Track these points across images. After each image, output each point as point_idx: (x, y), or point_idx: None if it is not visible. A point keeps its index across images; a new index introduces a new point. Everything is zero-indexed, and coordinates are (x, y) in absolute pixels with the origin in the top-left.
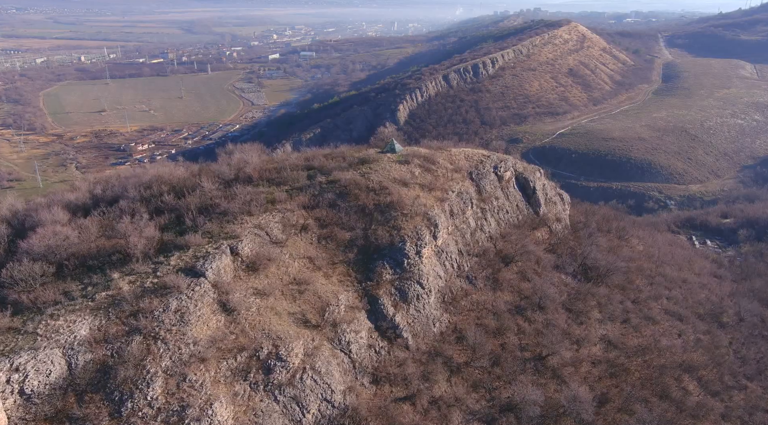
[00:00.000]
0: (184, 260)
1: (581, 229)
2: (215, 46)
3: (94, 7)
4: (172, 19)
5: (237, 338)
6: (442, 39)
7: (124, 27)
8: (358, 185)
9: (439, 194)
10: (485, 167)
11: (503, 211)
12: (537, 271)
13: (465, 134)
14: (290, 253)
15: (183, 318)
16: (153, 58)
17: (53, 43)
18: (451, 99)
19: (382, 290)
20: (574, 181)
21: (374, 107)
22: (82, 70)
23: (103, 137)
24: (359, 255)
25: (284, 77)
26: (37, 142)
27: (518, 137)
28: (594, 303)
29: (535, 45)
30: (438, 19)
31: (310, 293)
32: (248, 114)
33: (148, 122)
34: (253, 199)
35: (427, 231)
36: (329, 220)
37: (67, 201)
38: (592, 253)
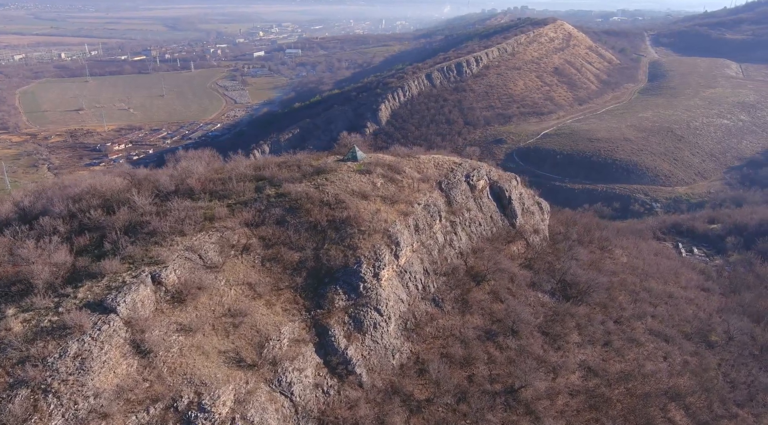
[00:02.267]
0: (94, 292)
1: (561, 241)
2: (200, 44)
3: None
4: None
5: (151, 386)
6: (429, 37)
7: (107, 23)
8: (310, 199)
9: (404, 207)
10: (456, 175)
11: (475, 223)
12: (511, 290)
13: (448, 135)
14: (227, 279)
15: (83, 365)
16: (135, 56)
17: (33, 40)
18: (435, 99)
19: (333, 319)
20: (559, 183)
21: (355, 106)
22: (61, 67)
23: (78, 137)
24: (309, 279)
25: (269, 75)
26: (9, 141)
27: (502, 138)
28: (573, 325)
29: (521, 43)
30: (426, 17)
31: (246, 326)
32: (230, 113)
33: (126, 121)
34: (188, 216)
35: (388, 250)
36: (276, 239)
37: None
38: (571, 268)
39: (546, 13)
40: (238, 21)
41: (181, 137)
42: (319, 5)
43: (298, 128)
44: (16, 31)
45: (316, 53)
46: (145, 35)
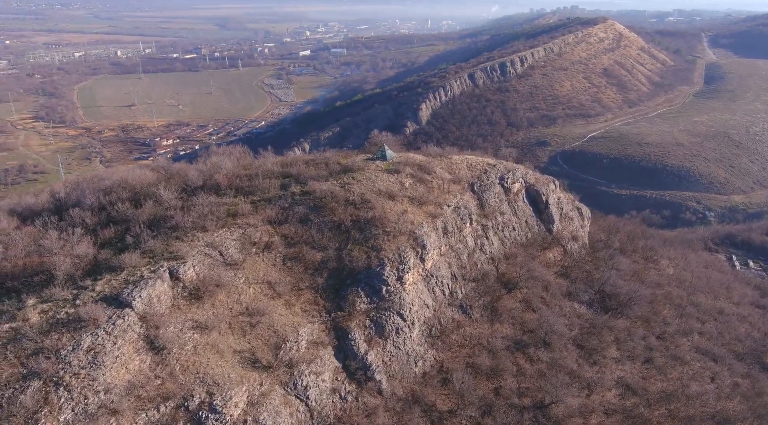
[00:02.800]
0: (112, 285)
1: (601, 249)
2: (248, 43)
3: (133, 3)
4: (208, 16)
5: (163, 383)
6: (474, 37)
7: (161, 22)
8: (335, 198)
9: (432, 208)
10: (489, 177)
11: (509, 228)
12: (545, 299)
13: (490, 136)
14: (246, 277)
15: (96, 359)
16: (186, 54)
17: (92, 38)
18: (477, 99)
19: (354, 323)
20: (605, 188)
21: (396, 106)
22: (117, 64)
23: (130, 132)
24: (330, 280)
25: (313, 74)
26: (66, 135)
27: (546, 140)
28: (611, 339)
29: (568, 43)
30: (472, 17)
31: (264, 326)
32: (275, 111)
33: (175, 117)
34: (211, 211)
35: (413, 253)
36: (298, 238)
37: (24, 206)
38: (611, 278)
39: (597, 13)
40: (286, 20)
41: (227, 133)
42: (365, 5)
43: (338, 126)
44: (77, 29)
45: (360, 53)
46: (196, 34)
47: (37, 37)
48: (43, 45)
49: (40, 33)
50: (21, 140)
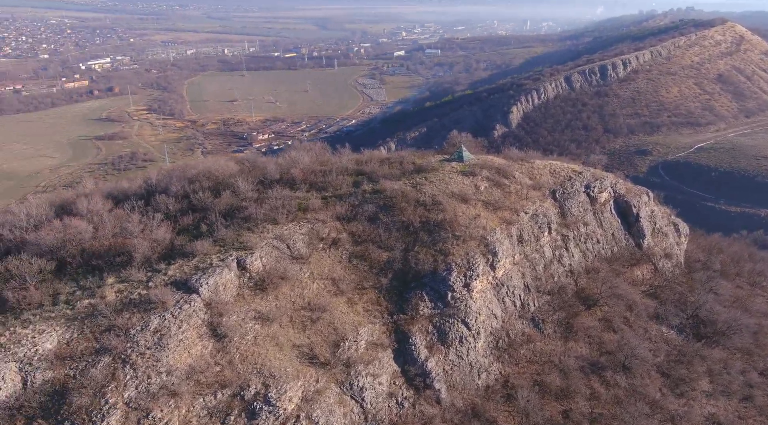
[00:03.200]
0: (183, 270)
1: (699, 270)
2: (345, 43)
3: (243, 4)
4: (309, 16)
5: (222, 370)
6: (575, 39)
7: (266, 22)
8: (406, 197)
9: (507, 214)
10: (574, 185)
11: (592, 240)
12: (628, 320)
13: (584, 142)
14: (311, 272)
15: (161, 341)
16: (287, 53)
17: (204, 37)
18: (572, 103)
19: (416, 327)
20: (711, 203)
21: (485, 107)
22: (223, 61)
23: (230, 125)
24: (394, 281)
25: (406, 74)
26: (174, 126)
27: (647, 148)
28: (703, 370)
29: (678, 46)
30: (575, 19)
31: (324, 322)
32: (366, 109)
33: (272, 113)
34: (283, 205)
35: (483, 259)
36: (366, 236)
37: (119, 190)
38: (708, 303)
39: (716, 14)
40: (383, 21)
41: (319, 130)
42: (462, 6)
43: (425, 127)
44: (192, 29)
45: (455, 54)
46: (297, 34)
47: (156, 35)
48: (161, 43)
49: (160, 32)
50: (135, 129)
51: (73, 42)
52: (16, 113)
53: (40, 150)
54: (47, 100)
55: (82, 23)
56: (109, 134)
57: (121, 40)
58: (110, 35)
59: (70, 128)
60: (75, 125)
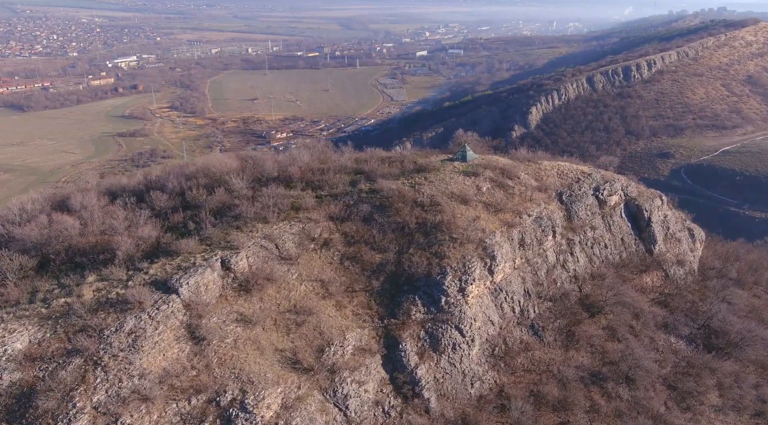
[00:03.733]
0: (165, 270)
1: (713, 278)
2: (368, 43)
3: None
4: (334, 16)
5: (198, 375)
6: (602, 39)
7: (290, 22)
8: (403, 197)
9: (509, 217)
10: (582, 187)
11: (600, 245)
12: (634, 329)
13: (605, 144)
14: (300, 273)
15: (135, 343)
16: (310, 52)
17: (228, 36)
18: (593, 104)
19: (407, 333)
20: (735, 209)
21: (504, 108)
22: (246, 60)
23: (249, 124)
24: (386, 285)
25: (428, 74)
26: (194, 124)
27: (669, 151)
28: (712, 383)
29: (706, 47)
30: (602, 19)
31: (310, 326)
32: (385, 109)
33: (292, 112)
34: (275, 203)
35: (480, 263)
36: (359, 237)
37: (118, 186)
38: (721, 312)
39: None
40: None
41: (337, 129)
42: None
43: (442, 127)
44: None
45: (477, 54)
46: (321, 34)
47: (182, 34)
48: (187, 42)
49: (186, 31)
50: (156, 126)
51: (101, 41)
52: (43, 109)
53: (64, 146)
54: (73, 97)
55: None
56: (131, 131)
57: (148, 38)
58: (138, 34)
59: (94, 125)
60: (98, 121)
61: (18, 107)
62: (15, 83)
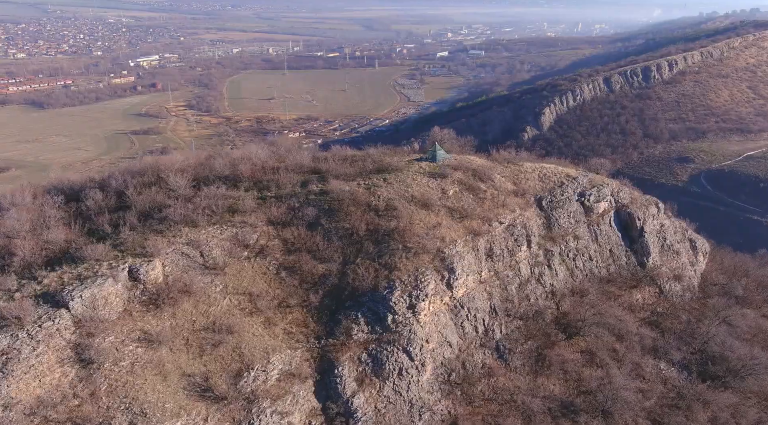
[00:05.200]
0: (62, 279)
1: (715, 295)
2: (388, 43)
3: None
4: (356, 17)
5: (80, 405)
6: (627, 41)
7: (313, 23)
8: (356, 201)
9: (476, 224)
10: (565, 192)
11: (583, 257)
12: (617, 353)
13: (621, 147)
14: (225, 285)
15: (5, 367)
16: (330, 53)
17: (251, 36)
18: (610, 105)
19: (346, 355)
20: (757, 217)
21: (516, 108)
22: (267, 60)
23: (263, 123)
24: (327, 299)
25: (447, 75)
26: (208, 123)
27: (689, 156)
28: (706, 417)
29: (733, 47)
30: (630, 21)
31: (228, 346)
32: (401, 110)
33: (306, 112)
34: (209, 205)
35: (436, 277)
36: (301, 244)
37: (67, 184)
38: (720, 335)
39: None
40: (430, 22)
41: (350, 130)
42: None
43: (451, 127)
44: (240, 28)
45: (499, 55)
46: (343, 34)
47: (206, 34)
48: (209, 41)
49: (210, 31)
50: (171, 125)
51: (126, 40)
52: (62, 106)
53: (78, 143)
54: (92, 95)
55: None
56: (144, 129)
57: (172, 38)
58: (162, 34)
59: (109, 122)
60: (114, 119)
61: (39, 104)
62: (38, 81)
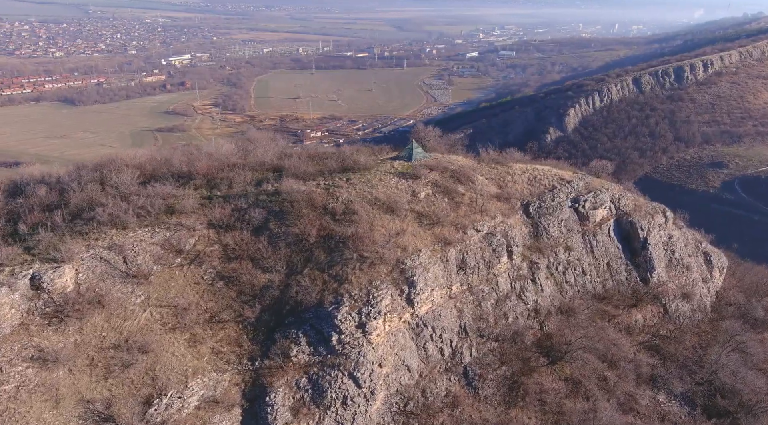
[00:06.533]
0: None
1: (730, 316)
2: (418, 43)
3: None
4: (389, 18)
5: None
6: (664, 42)
7: (345, 23)
8: (311, 203)
9: (448, 231)
10: (557, 197)
11: (575, 270)
12: (607, 381)
13: (649, 151)
14: (148, 296)
15: None
16: (359, 53)
17: (282, 36)
18: (639, 107)
19: (281, 380)
20: None
21: (539, 109)
22: (295, 60)
23: (286, 122)
24: (266, 314)
25: (476, 76)
26: (232, 121)
27: (723, 161)
28: None
29: None
30: (670, 22)
31: (141, 368)
32: (426, 110)
33: (331, 111)
34: (145, 204)
35: (393, 290)
36: (243, 250)
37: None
38: (730, 364)
39: None
40: (463, 23)
41: (373, 129)
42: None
43: (471, 128)
44: (272, 28)
45: (530, 55)
46: (374, 35)
47: (238, 34)
48: (241, 41)
49: (242, 31)
50: (195, 123)
51: (160, 39)
52: (93, 104)
53: (103, 139)
54: (122, 92)
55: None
56: (170, 126)
57: (205, 38)
58: (196, 34)
59: (136, 120)
60: (142, 116)
61: (71, 101)
62: (73, 79)
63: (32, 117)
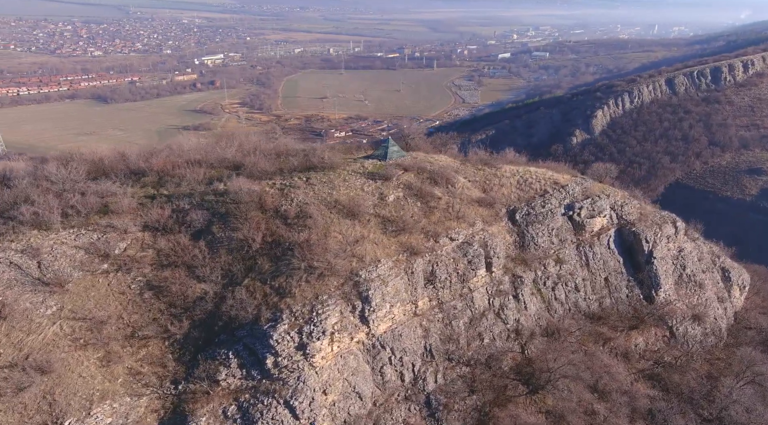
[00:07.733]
0: None
1: (749, 343)
2: (450, 44)
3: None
4: (422, 18)
5: None
6: (706, 43)
7: (378, 24)
8: (260, 204)
9: (416, 239)
10: (548, 203)
11: (567, 286)
12: (595, 416)
13: (682, 155)
14: (60, 307)
15: None
16: (390, 53)
17: (315, 37)
18: (672, 109)
19: (207, 407)
20: None
21: (565, 110)
22: (326, 60)
23: (311, 122)
24: (196, 330)
25: (507, 77)
26: (258, 120)
27: (762, 167)
28: None
29: None
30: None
31: (37, 391)
32: (454, 111)
33: (357, 111)
34: (76, 203)
35: (344, 306)
36: (179, 256)
37: None
38: (745, 398)
39: None
40: (497, 24)
41: (398, 130)
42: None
43: (494, 129)
44: (305, 29)
45: (564, 56)
46: (406, 35)
47: (272, 34)
48: (273, 42)
49: (276, 31)
50: (222, 121)
51: (195, 39)
52: (124, 102)
53: (131, 136)
54: (153, 91)
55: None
56: (196, 124)
57: (239, 38)
58: (230, 34)
59: (165, 118)
60: (170, 114)
61: (103, 99)
62: (108, 77)
63: (66, 114)
